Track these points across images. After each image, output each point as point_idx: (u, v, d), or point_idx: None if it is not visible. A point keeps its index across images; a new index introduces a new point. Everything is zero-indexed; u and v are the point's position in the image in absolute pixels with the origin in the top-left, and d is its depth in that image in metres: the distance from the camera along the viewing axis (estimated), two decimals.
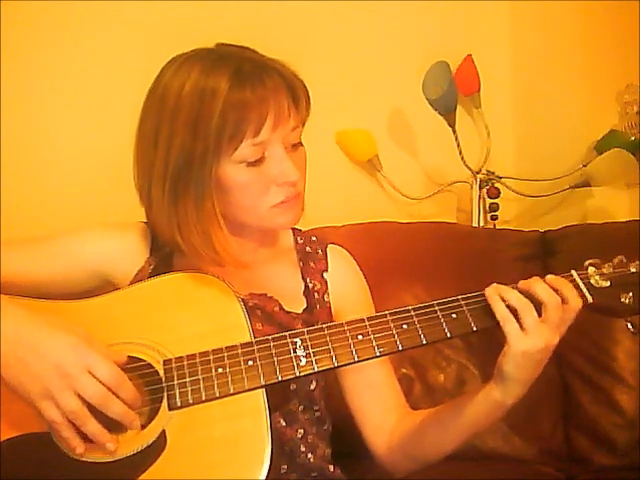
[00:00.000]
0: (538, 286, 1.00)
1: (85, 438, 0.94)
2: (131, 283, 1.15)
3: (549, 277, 1.02)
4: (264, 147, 1.06)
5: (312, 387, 1.13)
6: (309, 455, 1.12)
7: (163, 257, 1.16)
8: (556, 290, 0.99)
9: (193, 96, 1.04)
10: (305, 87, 1.10)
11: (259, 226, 1.13)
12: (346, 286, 1.22)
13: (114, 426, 0.95)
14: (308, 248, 1.23)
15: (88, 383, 0.92)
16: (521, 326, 0.98)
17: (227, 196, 1.08)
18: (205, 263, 1.09)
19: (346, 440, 1.18)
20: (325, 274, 1.21)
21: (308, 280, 1.19)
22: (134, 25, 1.86)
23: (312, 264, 1.21)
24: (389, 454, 1.17)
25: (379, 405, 1.19)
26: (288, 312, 1.13)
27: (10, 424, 0.96)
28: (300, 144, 1.11)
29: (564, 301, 0.99)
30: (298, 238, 1.24)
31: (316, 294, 1.18)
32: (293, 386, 1.10)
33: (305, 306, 1.17)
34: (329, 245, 1.25)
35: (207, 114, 1.03)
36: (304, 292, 1.18)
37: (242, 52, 1.10)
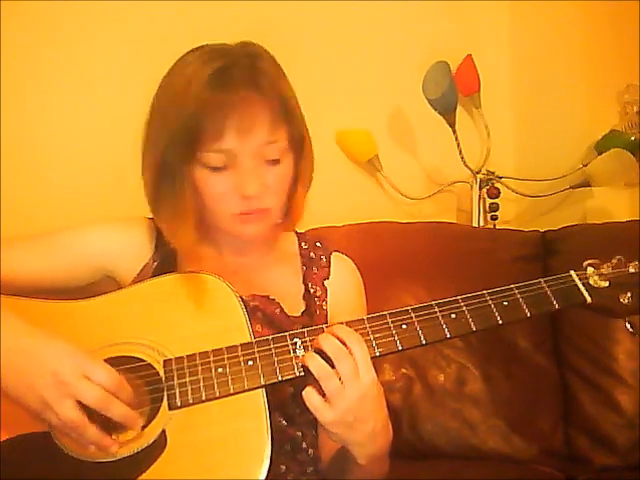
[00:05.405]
0: (324, 342, 0.96)
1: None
2: (135, 279, 1.14)
3: (335, 327, 0.98)
4: (230, 156, 1.05)
5: None
6: (310, 450, 1.13)
7: (168, 254, 1.15)
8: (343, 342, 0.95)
9: (176, 85, 1.06)
10: (286, 105, 1.07)
11: (224, 231, 1.13)
12: (345, 296, 1.21)
13: (114, 426, 0.95)
14: (312, 254, 1.23)
15: (87, 388, 0.92)
16: (324, 395, 0.94)
17: (199, 197, 1.09)
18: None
19: None
20: (326, 282, 1.20)
21: (309, 285, 1.19)
22: (134, 25, 1.86)
23: (315, 270, 1.21)
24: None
25: None
26: (288, 315, 1.13)
27: (10, 424, 0.96)
28: (278, 162, 1.08)
29: (350, 352, 0.95)
30: (302, 243, 1.24)
31: (316, 299, 1.18)
32: (291, 390, 1.09)
33: (304, 309, 1.17)
34: (334, 253, 1.24)
35: (182, 104, 1.03)
36: (304, 296, 1.18)
37: (240, 53, 1.07)
